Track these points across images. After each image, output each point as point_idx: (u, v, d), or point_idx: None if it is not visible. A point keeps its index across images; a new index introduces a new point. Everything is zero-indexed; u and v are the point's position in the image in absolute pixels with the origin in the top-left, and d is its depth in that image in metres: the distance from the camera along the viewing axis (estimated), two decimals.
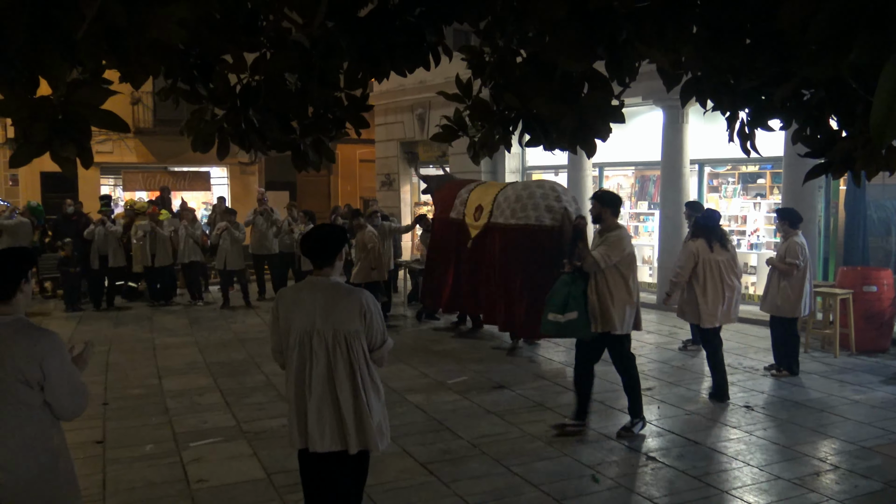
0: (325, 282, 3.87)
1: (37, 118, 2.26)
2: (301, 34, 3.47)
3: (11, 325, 3.03)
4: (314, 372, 3.76)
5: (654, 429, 6.50)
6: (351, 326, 3.78)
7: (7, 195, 18.44)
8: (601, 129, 3.22)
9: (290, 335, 3.82)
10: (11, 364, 2.96)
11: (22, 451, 3.00)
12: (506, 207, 9.19)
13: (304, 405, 3.80)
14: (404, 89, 16.42)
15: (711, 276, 7.23)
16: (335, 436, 3.80)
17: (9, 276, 3.06)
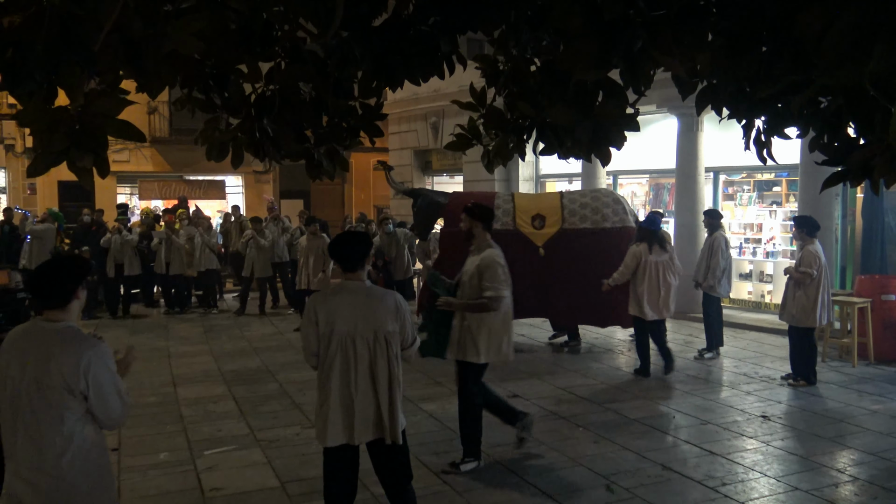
0: (360, 285, 4.02)
1: (55, 128, 2.28)
2: (316, 44, 3.49)
3: (62, 332, 3.09)
4: (359, 371, 3.92)
5: (669, 438, 6.44)
6: (389, 327, 3.96)
7: (25, 204, 18.64)
8: (616, 137, 3.21)
9: (332, 338, 3.92)
10: (58, 372, 3.01)
11: (63, 457, 3.05)
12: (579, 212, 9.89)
13: (349, 402, 3.93)
14: (418, 98, 16.48)
15: (650, 275, 8.40)
16: (374, 427, 3.99)
17: (67, 283, 3.13)
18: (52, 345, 3.04)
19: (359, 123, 3.78)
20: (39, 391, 3.01)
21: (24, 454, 3.05)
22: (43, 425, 3.03)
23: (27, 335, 3.12)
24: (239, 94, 3.38)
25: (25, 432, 3.03)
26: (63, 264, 3.26)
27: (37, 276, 3.15)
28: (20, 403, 3.03)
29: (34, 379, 3.01)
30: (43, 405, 3.02)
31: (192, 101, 3.47)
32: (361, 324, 3.92)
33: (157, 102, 18.20)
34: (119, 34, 2.19)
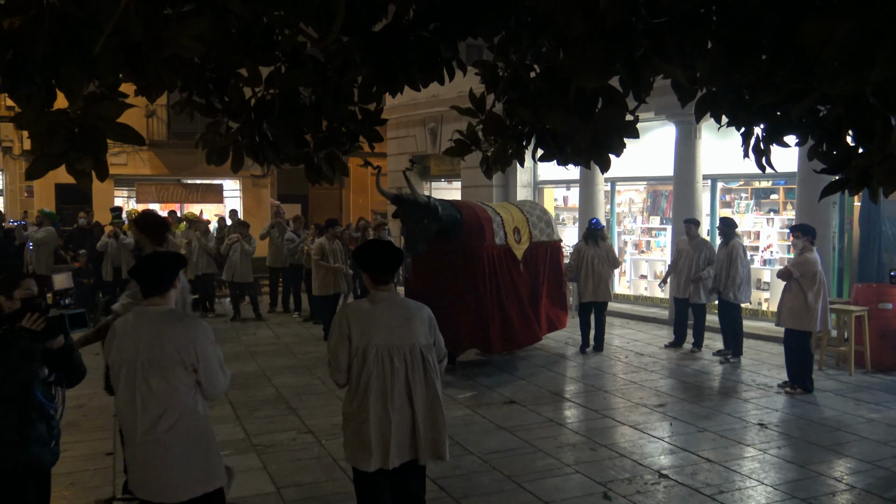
0: (393, 297, 3.96)
1: (54, 131, 2.27)
2: (316, 49, 3.49)
3: (167, 313, 3.58)
4: (395, 388, 3.80)
5: (666, 446, 6.43)
6: (424, 340, 3.90)
7: (23, 206, 18.61)
8: (615, 144, 3.21)
9: (368, 353, 3.78)
10: (172, 347, 3.45)
11: (178, 427, 3.46)
12: (538, 224, 10.00)
13: (388, 424, 3.78)
14: (417, 103, 16.49)
15: (586, 266, 10.20)
16: (408, 447, 3.87)
17: (167, 273, 3.64)
18: (163, 325, 3.50)
19: (358, 128, 3.77)
20: (154, 367, 3.43)
21: (143, 426, 3.43)
22: (158, 398, 3.43)
23: (137, 319, 3.57)
24: (239, 98, 3.38)
25: (143, 405, 3.43)
26: (162, 259, 3.78)
27: (142, 269, 3.69)
28: (136, 380, 3.44)
29: (149, 357, 3.44)
30: (159, 379, 3.43)
31: (193, 105, 3.46)
32: (398, 337, 3.80)
33: (155, 106, 18.19)
34: (119, 37, 2.18)
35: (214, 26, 2.72)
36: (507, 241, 9.29)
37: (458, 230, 8.72)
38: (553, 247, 10.20)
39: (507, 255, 9.26)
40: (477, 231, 8.90)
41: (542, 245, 9.94)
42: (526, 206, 10.27)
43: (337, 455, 6.12)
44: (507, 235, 9.32)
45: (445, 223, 8.45)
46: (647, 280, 14.11)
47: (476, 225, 8.92)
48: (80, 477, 5.72)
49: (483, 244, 8.87)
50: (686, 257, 10.15)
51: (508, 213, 9.69)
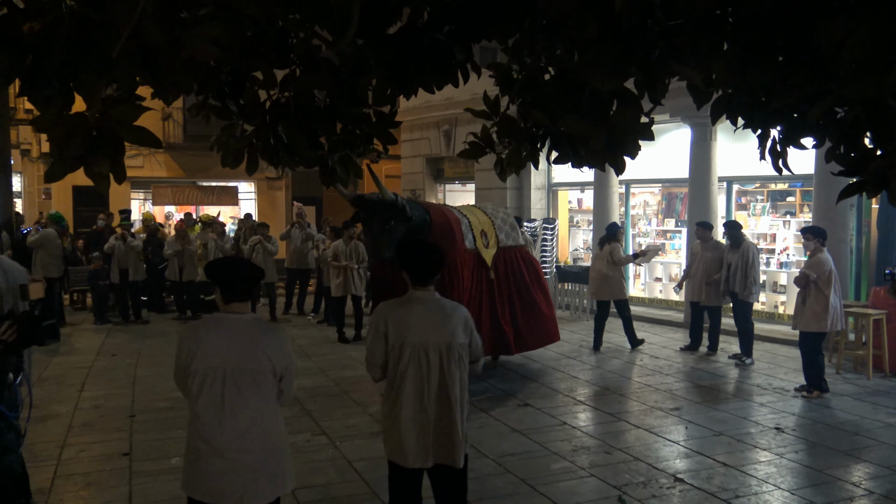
0: (430, 296, 3.96)
1: (72, 134, 2.29)
2: (331, 52, 3.50)
3: (254, 321, 3.54)
4: (431, 384, 3.82)
5: (681, 449, 6.40)
6: (460, 339, 3.88)
7: (40, 208, 18.78)
8: (630, 146, 3.19)
9: (405, 350, 3.82)
10: (264, 355, 3.43)
11: (266, 434, 3.46)
12: (503, 227, 9.09)
13: (426, 420, 3.81)
14: (430, 106, 16.50)
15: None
16: (446, 447, 3.85)
17: (251, 280, 3.58)
18: (254, 332, 3.46)
19: (372, 131, 3.78)
20: (245, 375, 3.40)
21: (230, 434, 3.38)
22: (250, 405, 3.40)
23: (220, 326, 3.48)
24: (254, 101, 3.39)
25: (232, 413, 3.38)
26: (240, 265, 3.72)
27: (224, 274, 3.57)
28: (225, 387, 3.38)
29: (240, 365, 3.39)
30: (250, 387, 3.41)
31: (208, 108, 3.49)
32: (434, 335, 3.82)
33: (171, 109, 18.32)
34: (137, 41, 2.20)
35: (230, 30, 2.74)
36: (476, 246, 8.46)
37: (427, 233, 7.78)
38: (524, 252, 9.29)
39: (477, 261, 8.41)
40: (448, 234, 8.00)
41: (510, 250, 9.01)
42: (489, 209, 9.41)
43: (351, 457, 6.13)
44: (476, 239, 8.49)
45: (414, 225, 7.55)
46: (662, 283, 14.04)
47: (446, 227, 8.06)
48: (97, 477, 5.77)
49: (454, 248, 7.94)
50: (700, 261, 10.13)
51: (474, 215, 8.83)
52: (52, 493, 5.45)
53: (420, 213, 7.73)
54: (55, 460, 6.11)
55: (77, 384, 8.63)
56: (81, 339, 11.60)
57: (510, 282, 8.83)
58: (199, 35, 2.41)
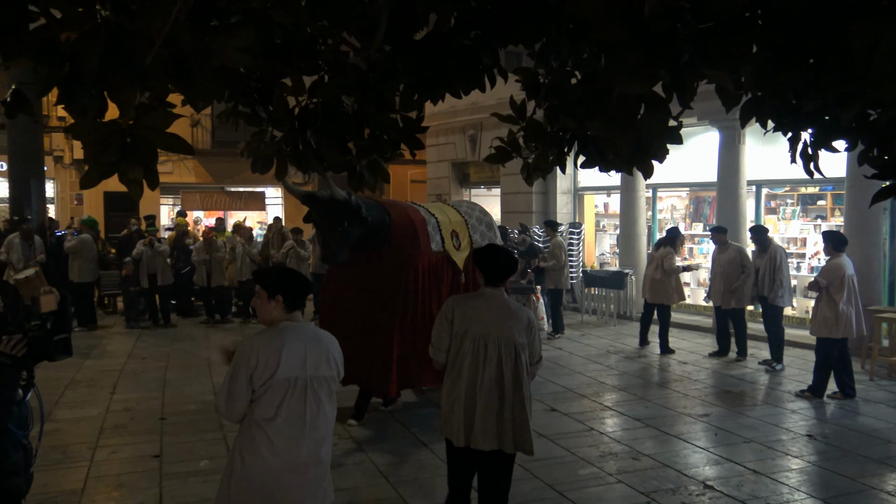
0: (499, 295, 4.22)
1: (107, 141, 2.33)
2: (358, 58, 3.53)
3: (311, 328, 3.52)
4: (486, 375, 4.06)
5: (711, 456, 6.32)
6: (519, 338, 4.11)
7: (72, 213, 19.13)
8: (658, 150, 3.18)
9: (466, 338, 4.11)
10: (334, 361, 3.44)
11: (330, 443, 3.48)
12: (478, 227, 8.36)
13: (473, 405, 4.07)
14: (456, 111, 16.54)
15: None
16: (495, 436, 4.08)
17: (300, 292, 3.51)
18: (323, 340, 3.47)
19: (400, 136, 3.80)
20: (321, 385, 3.37)
21: (309, 446, 3.31)
22: (327, 416, 3.40)
23: (294, 335, 3.37)
24: (283, 108, 3.43)
25: (312, 425, 3.32)
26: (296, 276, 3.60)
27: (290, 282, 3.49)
28: (306, 398, 3.32)
29: (314, 375, 3.35)
30: (328, 397, 3.40)
31: (238, 115, 3.53)
32: (495, 330, 4.08)
33: (199, 115, 18.56)
34: (169, 49, 2.23)
35: (259, 37, 2.78)
36: (445, 248, 7.67)
37: (385, 235, 7.17)
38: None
39: (447, 265, 7.65)
40: (410, 236, 7.31)
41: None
42: (463, 207, 8.55)
43: (378, 461, 6.15)
44: (445, 241, 7.70)
45: (371, 226, 6.90)
46: (690, 288, 13.91)
47: (408, 228, 7.36)
48: (128, 479, 5.85)
49: (418, 251, 7.29)
50: (718, 265, 10.09)
51: (444, 214, 8.05)
52: (84, 494, 5.53)
53: (378, 214, 7.11)
54: (88, 461, 6.21)
55: (108, 387, 8.76)
56: (113, 342, 11.77)
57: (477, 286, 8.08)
58: (230, 43, 2.45)
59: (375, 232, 7.02)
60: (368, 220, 6.84)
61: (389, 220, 7.25)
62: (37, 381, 3.47)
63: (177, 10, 2.13)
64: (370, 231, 6.93)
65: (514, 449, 4.13)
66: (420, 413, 7.67)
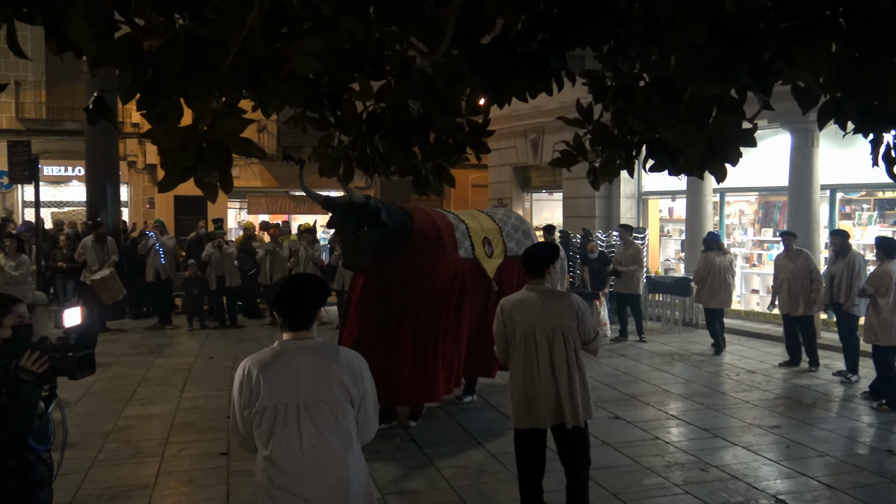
0: (540, 288, 4.67)
1: (184, 147, 2.40)
2: (425, 62, 3.55)
3: (322, 348, 3.09)
4: (540, 362, 4.51)
5: (783, 469, 6.11)
6: (566, 323, 4.53)
7: (145, 217, 19.80)
8: (731, 153, 3.10)
9: (517, 334, 4.58)
10: (340, 385, 3.01)
11: (352, 476, 3.01)
12: (514, 235, 8.24)
13: (533, 390, 4.53)
14: (518, 115, 16.47)
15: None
16: (553, 413, 4.55)
17: (312, 306, 3.11)
18: (323, 360, 3.04)
19: (466, 140, 3.81)
20: (319, 411, 2.98)
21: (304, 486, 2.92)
22: (322, 448, 2.95)
23: (284, 356, 3.04)
24: (351, 112, 3.48)
25: (313, 456, 2.94)
26: (305, 288, 3.16)
27: (283, 301, 3.10)
28: (297, 426, 2.95)
29: (309, 400, 2.97)
30: (330, 421, 2.98)
31: (307, 120, 3.59)
32: (541, 321, 4.50)
33: (266, 121, 18.98)
34: (243, 56, 2.29)
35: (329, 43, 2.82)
36: (475, 255, 7.55)
37: (407, 240, 7.02)
38: None
39: (476, 272, 7.54)
40: (434, 241, 7.16)
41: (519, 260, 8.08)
42: (498, 215, 8.48)
43: (440, 465, 6.16)
44: (476, 247, 7.58)
45: (392, 231, 6.75)
46: (759, 295, 13.52)
47: (433, 233, 7.20)
48: (196, 475, 6.00)
49: (442, 257, 7.16)
50: (785, 272, 9.78)
51: (476, 221, 7.93)
52: (155, 489, 5.70)
53: (400, 219, 6.94)
54: (159, 457, 6.40)
55: (178, 385, 9.02)
56: (182, 342, 12.13)
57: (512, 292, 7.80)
58: (302, 49, 2.49)
59: (397, 236, 6.89)
60: (389, 225, 6.67)
61: (412, 224, 7.09)
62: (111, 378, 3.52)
63: (252, 17, 2.19)
64: (391, 235, 6.79)
65: (573, 422, 4.53)
66: (483, 417, 7.65)
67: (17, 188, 19.50)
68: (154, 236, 13.54)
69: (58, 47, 2.07)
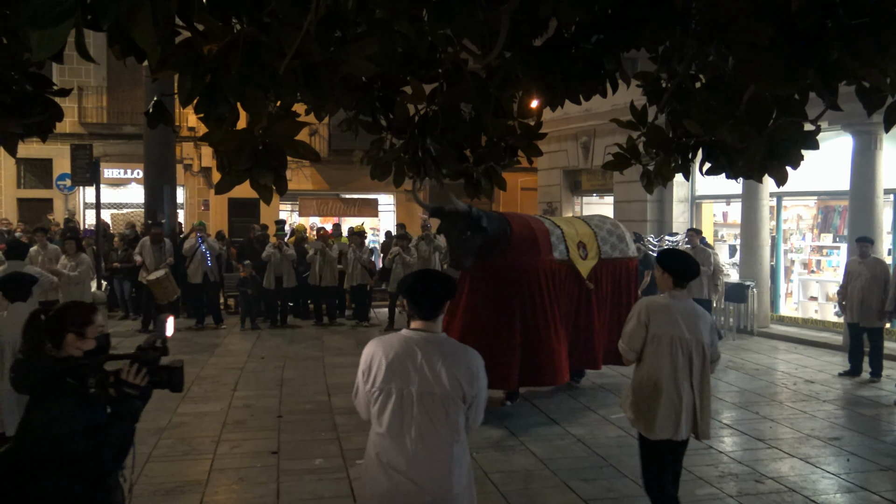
0: (687, 299, 4.57)
1: (240, 149, 2.44)
2: (478, 65, 3.54)
3: (444, 342, 3.19)
4: (683, 372, 4.40)
5: (843, 483, 5.91)
6: (706, 338, 4.46)
7: (200, 219, 20.26)
8: (793, 156, 3.01)
9: (663, 340, 4.42)
10: (456, 380, 3.08)
11: (458, 467, 3.12)
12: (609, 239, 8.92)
13: (678, 401, 4.39)
14: (569, 117, 16.33)
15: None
16: (692, 423, 4.45)
17: (442, 298, 3.22)
18: (443, 354, 3.12)
19: (518, 143, 3.78)
20: (434, 403, 3.07)
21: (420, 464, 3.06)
22: (441, 434, 3.08)
23: (408, 344, 3.14)
24: (404, 115, 3.48)
25: (421, 442, 3.06)
26: (438, 281, 3.29)
27: (416, 291, 3.20)
28: (411, 413, 3.07)
29: (424, 391, 3.07)
30: (441, 413, 3.08)
31: (359, 123, 3.61)
32: (686, 331, 4.41)
33: (317, 124, 19.23)
34: (300, 59, 2.31)
35: (383, 47, 2.83)
36: (570, 257, 8.31)
37: (506, 243, 7.80)
38: (626, 265, 9.03)
39: (570, 273, 8.29)
40: (530, 244, 7.96)
41: (614, 262, 8.85)
42: (594, 221, 9.25)
43: (487, 469, 6.13)
44: (570, 250, 8.35)
45: (492, 235, 7.56)
46: (818, 302, 13.13)
47: (528, 237, 8.01)
48: (248, 473, 6.09)
49: (536, 258, 7.94)
50: (858, 279, 9.42)
51: (572, 226, 8.74)
52: (208, 485, 5.81)
53: (499, 225, 7.75)
54: (211, 454, 6.52)
55: (230, 384, 9.18)
56: (234, 341, 12.35)
57: (611, 293, 8.82)
58: (356, 52, 2.51)
59: (497, 240, 7.67)
60: (488, 230, 7.47)
61: (510, 230, 7.87)
62: None
63: (308, 21, 2.20)
64: (492, 239, 7.57)
65: (704, 437, 4.51)
66: (530, 421, 7.59)
67: (78, 190, 20.15)
68: (200, 239, 13.79)
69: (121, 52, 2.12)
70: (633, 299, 8.79)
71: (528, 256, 7.84)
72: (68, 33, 1.33)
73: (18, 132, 2.71)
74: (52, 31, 1.29)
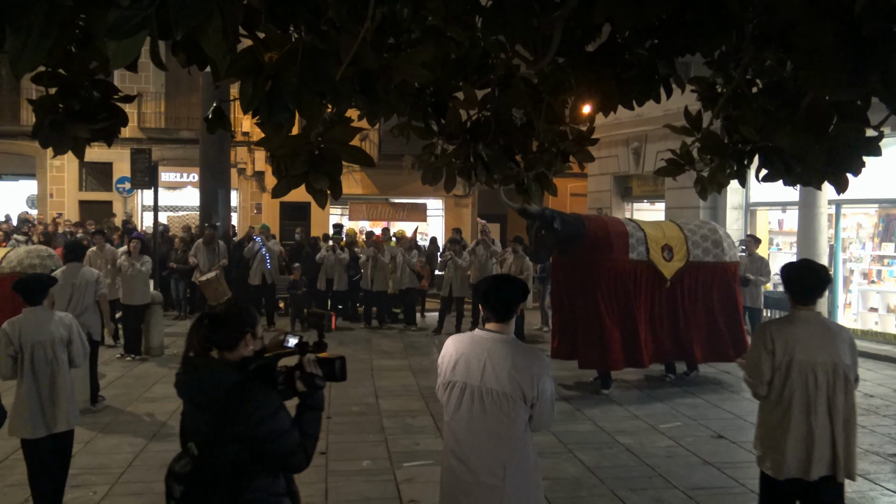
0: (815, 315, 4.02)
1: (297, 154, 2.49)
2: (530, 70, 3.55)
3: (511, 343, 3.30)
4: (818, 403, 3.87)
5: None
6: (846, 360, 3.90)
7: (252, 222, 20.64)
8: (854, 162, 2.95)
9: (792, 368, 3.89)
10: (517, 382, 3.18)
11: (508, 457, 3.22)
12: (701, 244, 9.60)
13: (811, 437, 3.86)
14: (620, 123, 16.17)
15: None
16: (829, 463, 3.88)
17: (514, 300, 3.32)
18: (507, 355, 3.23)
19: (570, 148, 3.77)
20: (498, 397, 3.19)
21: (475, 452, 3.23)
22: (496, 429, 3.20)
23: (478, 343, 3.30)
24: (456, 121, 3.51)
25: (477, 433, 3.22)
26: (511, 285, 3.37)
27: (490, 295, 3.32)
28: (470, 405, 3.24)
29: (490, 386, 3.20)
30: (500, 411, 3.19)
31: (412, 128, 3.64)
32: (821, 355, 3.87)
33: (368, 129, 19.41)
34: (355, 66, 2.35)
35: (436, 53, 2.86)
36: (650, 258, 9.12)
37: (578, 242, 8.80)
38: (722, 269, 9.60)
39: (648, 272, 9.14)
40: (602, 244, 8.87)
41: (705, 266, 9.49)
42: (689, 226, 9.85)
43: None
44: (651, 251, 9.14)
45: (565, 234, 8.65)
46: (878, 313, 12.72)
47: (601, 237, 8.90)
48: None
49: (607, 257, 8.86)
50: None
51: (660, 230, 9.50)
52: None
53: (572, 225, 8.80)
54: None
55: None
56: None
57: (702, 295, 9.45)
58: (410, 59, 2.54)
59: (572, 239, 8.75)
60: (560, 230, 8.57)
61: (584, 231, 8.82)
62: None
63: (364, 29, 2.24)
64: (565, 238, 8.69)
65: (846, 476, 3.90)
66: (580, 429, 7.53)
67: (137, 193, 20.76)
68: (261, 241, 14.06)
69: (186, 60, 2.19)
70: (736, 303, 9.68)
71: (597, 254, 8.77)
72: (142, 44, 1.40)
73: (86, 137, 2.81)
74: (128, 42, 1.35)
